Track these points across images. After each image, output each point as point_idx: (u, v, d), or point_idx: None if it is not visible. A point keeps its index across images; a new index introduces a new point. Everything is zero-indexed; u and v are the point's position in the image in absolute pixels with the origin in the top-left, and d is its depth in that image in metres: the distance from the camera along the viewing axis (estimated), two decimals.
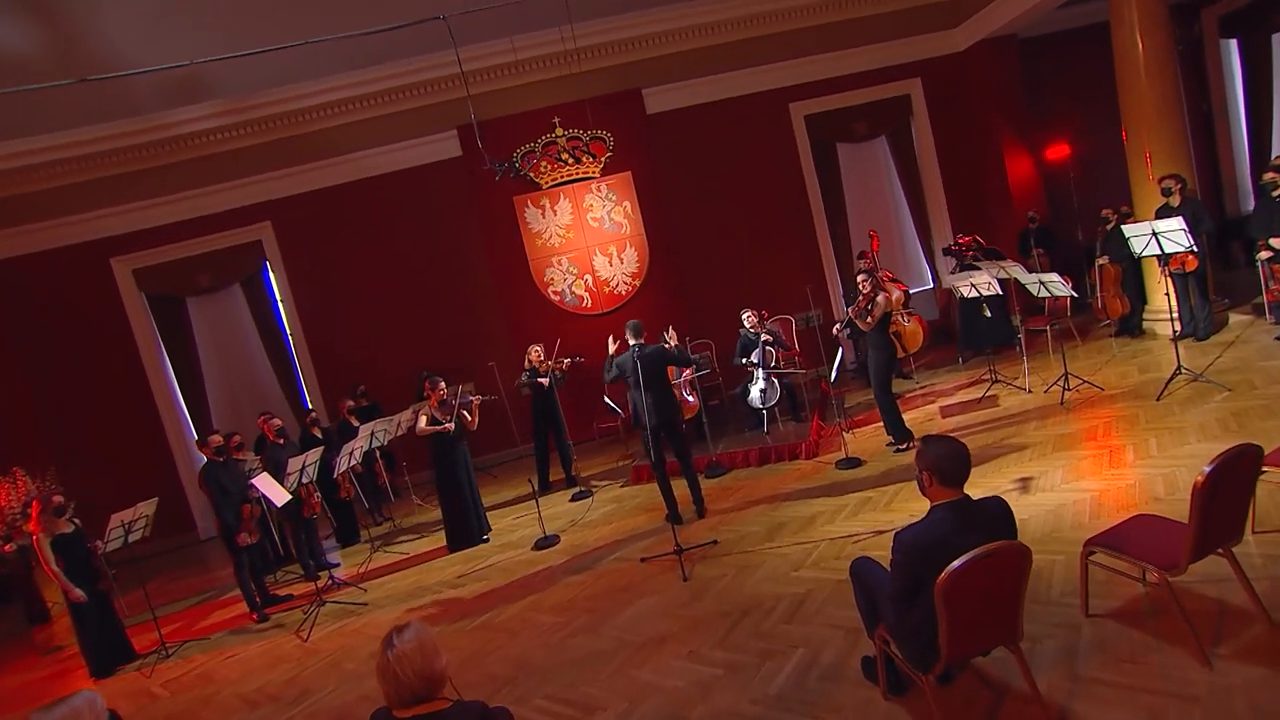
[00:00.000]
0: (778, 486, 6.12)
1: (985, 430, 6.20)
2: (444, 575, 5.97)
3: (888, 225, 9.94)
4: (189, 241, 8.68)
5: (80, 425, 8.54)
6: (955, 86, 9.65)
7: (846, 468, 6.10)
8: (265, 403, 8.97)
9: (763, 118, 9.40)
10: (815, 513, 5.37)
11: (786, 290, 9.07)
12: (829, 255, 9.75)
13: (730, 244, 9.46)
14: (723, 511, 5.87)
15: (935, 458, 2.64)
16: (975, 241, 8.23)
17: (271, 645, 5.33)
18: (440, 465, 6.33)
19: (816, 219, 9.67)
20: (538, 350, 7.57)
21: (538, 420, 7.58)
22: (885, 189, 10.04)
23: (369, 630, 5.22)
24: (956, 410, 6.95)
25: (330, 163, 8.87)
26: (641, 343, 5.74)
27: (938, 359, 9.06)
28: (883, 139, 9.78)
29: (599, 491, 7.21)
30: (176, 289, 8.75)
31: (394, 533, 7.52)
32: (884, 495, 5.39)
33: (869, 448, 6.48)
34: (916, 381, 8.26)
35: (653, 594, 4.73)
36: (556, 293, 9.34)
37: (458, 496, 6.36)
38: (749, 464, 6.85)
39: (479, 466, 9.04)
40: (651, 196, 9.30)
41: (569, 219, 9.30)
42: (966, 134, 9.74)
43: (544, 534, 6.18)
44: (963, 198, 9.79)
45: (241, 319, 9.06)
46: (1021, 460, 5.37)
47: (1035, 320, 7.90)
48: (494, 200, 9.10)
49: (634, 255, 9.42)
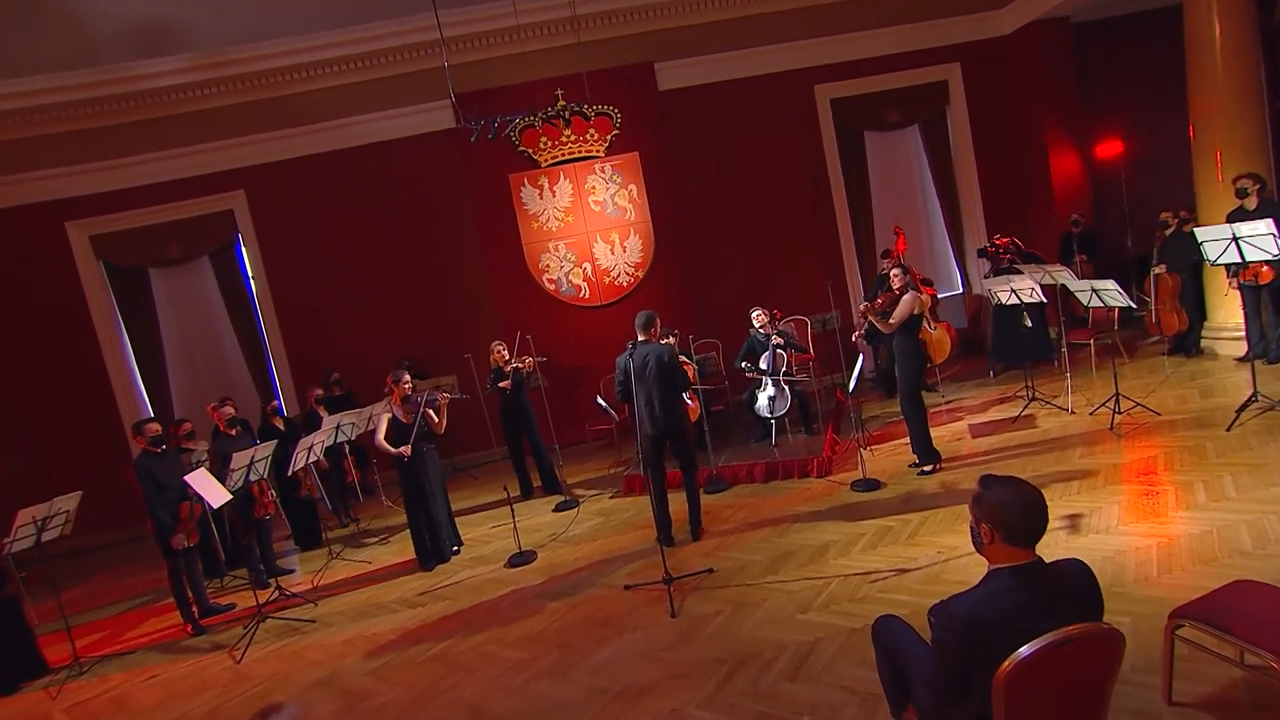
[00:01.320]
0: (784, 508, 5.60)
1: (1022, 455, 5.64)
2: (405, 591, 5.47)
3: (915, 222, 9.40)
4: (154, 208, 8.17)
5: (24, 405, 8.04)
6: (998, 73, 9.06)
7: (863, 490, 5.57)
8: (232, 387, 8.47)
9: (785, 100, 8.88)
10: (826, 542, 4.83)
11: (802, 289, 8.53)
12: (850, 252, 9.20)
13: (743, 236, 8.96)
14: (721, 534, 5.35)
15: (998, 506, 2.04)
16: (1013, 243, 7.64)
17: (200, 665, 4.79)
18: (405, 473, 5.80)
19: (839, 212, 9.14)
20: (501, 348, 7.05)
21: (508, 424, 7.07)
22: (915, 183, 9.49)
23: (310, 654, 4.69)
24: (988, 430, 6.39)
25: (312, 129, 8.37)
26: (646, 339, 5.21)
27: (965, 371, 8.53)
28: (915, 128, 9.24)
29: (586, 502, 6.73)
30: (139, 259, 8.27)
31: (359, 537, 6.98)
32: (906, 525, 4.82)
33: (889, 468, 5.94)
34: (943, 395, 7.72)
35: (635, 630, 4.21)
36: (552, 281, 8.81)
37: (424, 509, 5.81)
38: (753, 480, 6.34)
39: (459, 467, 8.64)
40: (660, 180, 8.79)
41: (568, 201, 8.75)
42: (1008, 126, 9.16)
43: (519, 549, 5.66)
44: (1000, 196, 9.22)
45: (209, 295, 8.58)
46: (1068, 494, 4.77)
47: (1077, 333, 7.28)
48: (488, 177, 8.58)
49: (638, 244, 8.87)
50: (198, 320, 8.63)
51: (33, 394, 8.09)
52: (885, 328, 5.49)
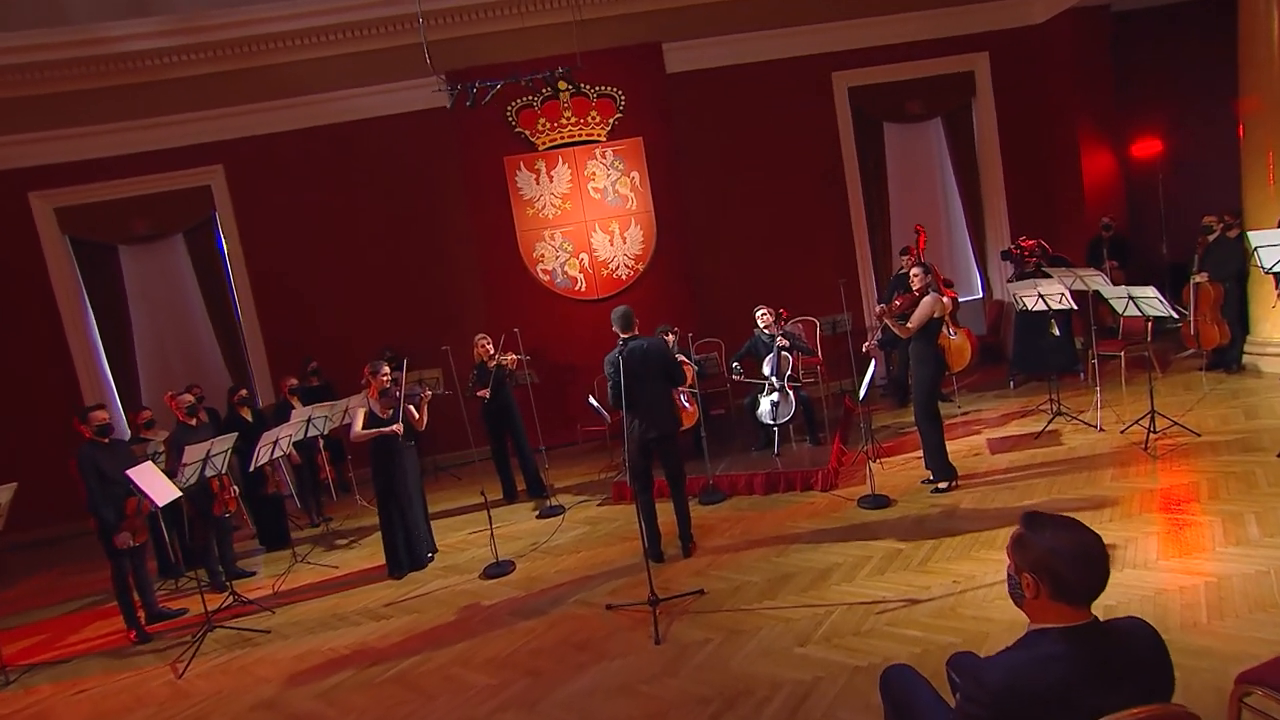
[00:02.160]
0: (785, 524, 5.28)
1: (1047, 475, 5.28)
2: (371, 601, 5.16)
3: (935, 221, 9.04)
4: (125, 181, 7.85)
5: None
6: (1029, 65, 8.68)
7: (871, 507, 5.24)
8: (204, 373, 8.19)
9: (801, 87, 8.53)
10: (830, 564, 4.50)
11: (812, 288, 8.19)
12: (864, 251, 8.86)
13: (751, 230, 8.63)
14: (715, 550, 5.03)
15: (1048, 554, 1.68)
16: (1040, 246, 7.27)
17: (138, 679, 4.46)
18: (380, 472, 5.47)
19: (854, 208, 8.79)
20: (485, 341, 6.71)
21: (491, 423, 6.74)
22: (936, 179, 9.15)
23: (259, 669, 4.36)
24: (1008, 445, 6.06)
25: (297, 102, 8.04)
26: (634, 335, 4.89)
27: (983, 381, 8.18)
28: (938, 121, 8.89)
29: (572, 508, 6.42)
30: (108, 234, 7.96)
31: (329, 538, 6.67)
32: (918, 550, 4.48)
33: (900, 483, 5.61)
34: (959, 406, 7.38)
35: (615, 657, 3.89)
36: (546, 271, 8.49)
37: (398, 511, 5.49)
38: (753, 491, 6.01)
39: (441, 466, 8.32)
40: (664, 168, 8.46)
41: (567, 187, 8.43)
42: (1038, 121, 8.79)
43: (496, 559, 5.35)
44: (1026, 196, 8.85)
45: (183, 275, 8.27)
46: (1099, 521, 4.40)
47: (1106, 344, 6.90)
48: (482, 159, 8.27)
49: (639, 235, 8.54)
50: (170, 302, 8.32)
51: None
52: (903, 332, 5.13)
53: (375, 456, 5.52)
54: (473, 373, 6.73)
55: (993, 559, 4.19)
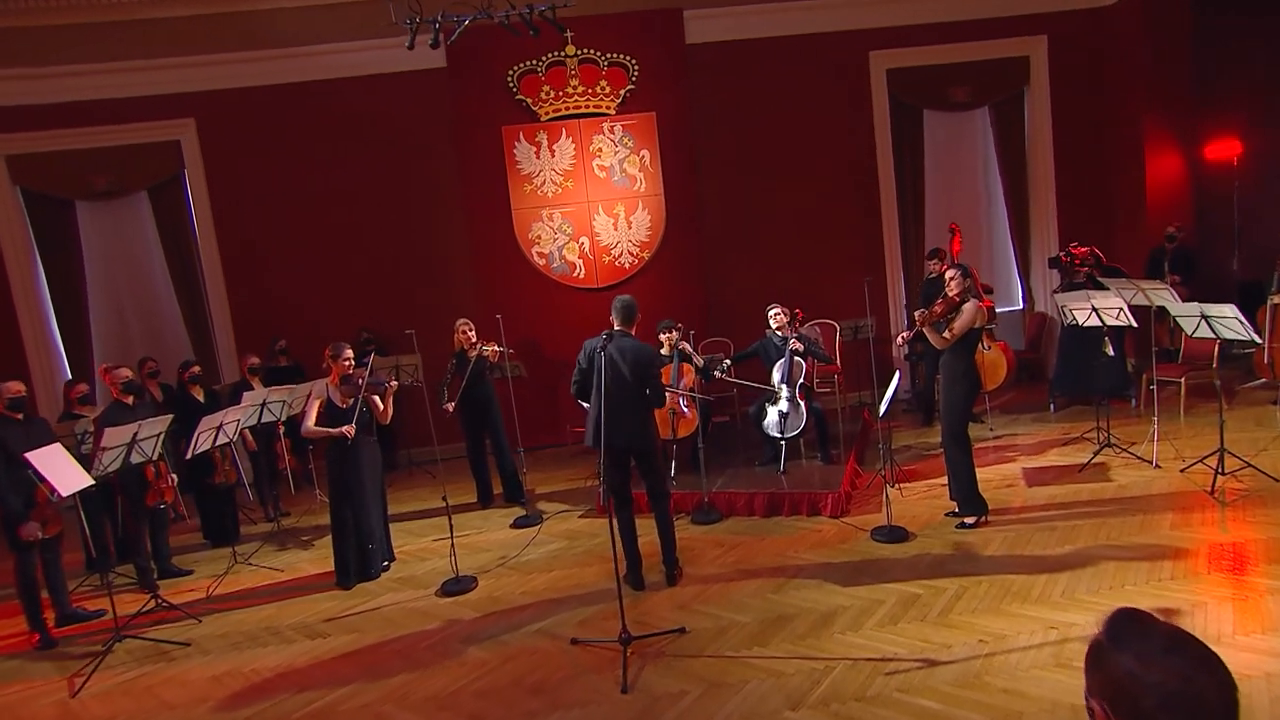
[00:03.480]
0: (786, 553, 4.84)
1: (1093, 515, 4.78)
2: (310, 613, 4.75)
3: (974, 221, 8.56)
4: (85, 130, 7.45)
5: None
6: (1093, 51, 8.12)
7: (886, 540, 4.78)
8: (164, 344, 7.85)
9: (833, 65, 8.06)
10: (834, 607, 4.04)
11: (834, 288, 7.74)
12: (894, 250, 8.37)
13: (770, 221, 8.19)
14: (704, 579, 4.59)
15: (1134, 684, 1.15)
16: (1093, 254, 6.73)
17: (25, 695, 4.04)
18: (334, 467, 5.07)
19: (885, 202, 8.31)
20: (467, 327, 6.30)
21: (468, 419, 6.32)
22: (978, 175, 8.65)
23: (166, 691, 3.95)
24: (1047, 477, 5.56)
25: (279, 54, 7.62)
26: (625, 332, 4.47)
27: (1019, 401, 7.70)
28: (985, 110, 8.39)
29: (550, 518, 6.00)
30: (64, 188, 7.59)
31: (281, 536, 6.27)
32: (938, 596, 4.00)
33: (921, 514, 5.15)
34: (990, 428, 6.90)
35: (572, 707, 3.46)
36: (542, 255, 8.07)
37: (352, 513, 5.09)
38: (752, 513, 5.57)
39: (415, 461, 7.91)
40: (677, 147, 8.02)
41: (569, 163, 7.99)
42: (1099, 115, 8.23)
43: (455, 574, 4.93)
44: (1080, 197, 8.31)
45: (146, 236, 7.91)
46: (1156, 579, 3.88)
47: (1163, 368, 6.33)
48: (478, 128, 7.86)
49: (646, 220, 8.09)
50: (130, 266, 7.97)
51: None
52: (939, 342, 4.64)
53: (330, 449, 5.15)
54: (451, 362, 6.29)
55: (1026, 615, 3.69)
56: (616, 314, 4.50)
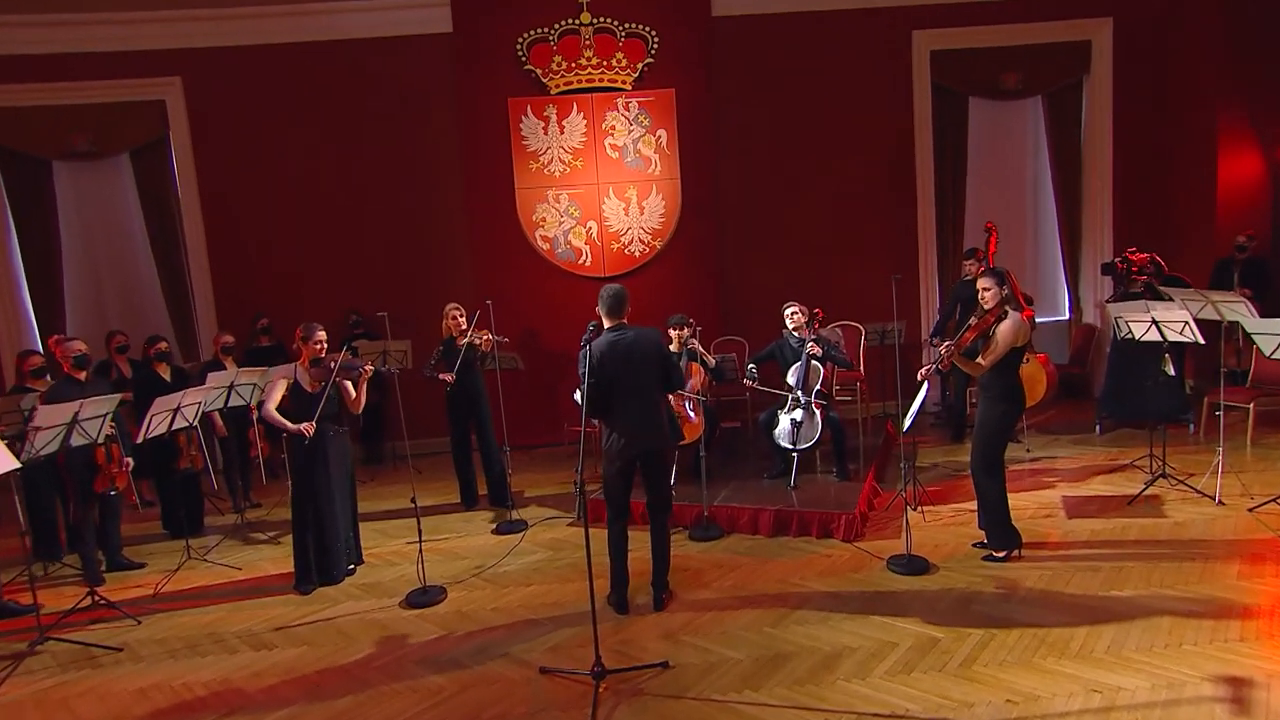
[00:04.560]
0: (791, 580, 4.48)
1: (1144, 557, 4.34)
2: (260, 620, 4.46)
3: (1019, 221, 8.16)
4: (64, 85, 7.20)
5: None
6: (1164, 37, 7.63)
7: (904, 571, 4.41)
8: (142, 316, 7.65)
9: (872, 45, 7.67)
10: (839, 647, 3.68)
11: (861, 288, 7.39)
12: (928, 248, 7.96)
13: (795, 212, 7.83)
14: (696, 605, 4.25)
15: None
16: (1153, 262, 6.29)
17: None
18: (297, 459, 4.80)
19: (921, 197, 7.90)
20: (458, 313, 6.01)
21: (454, 412, 6.05)
22: (1026, 170, 8.23)
23: (82, 705, 3.68)
24: (1091, 508, 5.14)
25: (273, 12, 7.35)
26: (622, 324, 4.13)
27: (1060, 420, 7.29)
28: (1038, 100, 7.98)
29: (536, 525, 5.68)
30: (41, 146, 7.34)
31: (245, 529, 6.02)
32: (960, 642, 3.61)
33: (945, 542, 4.77)
34: (1027, 449, 6.50)
35: None
36: (546, 239, 7.76)
37: (314, 510, 4.80)
38: (757, 531, 5.22)
39: (401, 454, 7.56)
40: (697, 128, 7.65)
41: (580, 140, 7.66)
42: (1167, 108, 7.74)
43: (423, 585, 4.61)
44: (1140, 199, 7.82)
45: (126, 201, 7.66)
46: (1222, 640, 3.45)
47: (1229, 391, 5.85)
48: (482, 98, 7.53)
49: (660, 205, 7.75)
50: (109, 232, 7.73)
51: None
52: (974, 370, 4.25)
53: (293, 439, 4.85)
54: (437, 349, 5.99)
55: (1064, 672, 3.29)
56: (605, 306, 4.14)
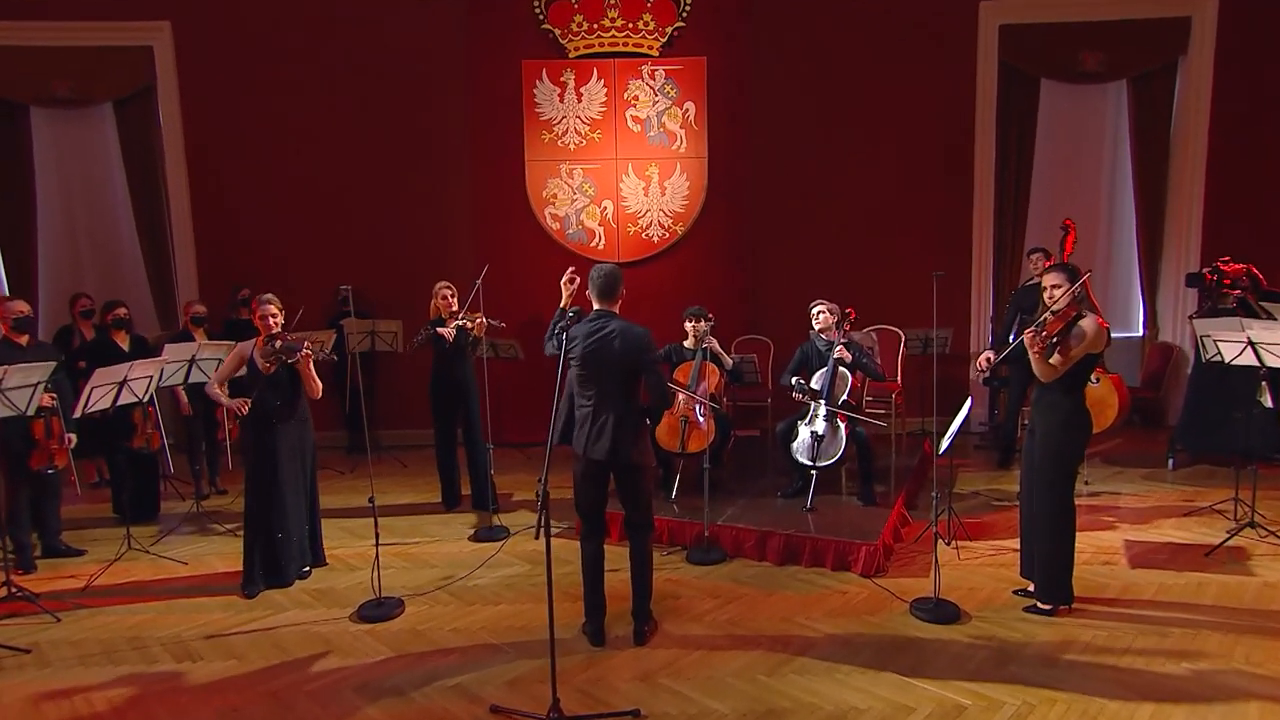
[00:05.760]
0: (796, 618, 4.09)
1: (1223, 624, 3.84)
2: (192, 625, 4.18)
3: (1091, 220, 7.73)
4: (44, 24, 7.11)
5: None
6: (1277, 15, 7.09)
7: (930, 618, 3.98)
8: (119, 277, 7.62)
9: (931, 16, 7.34)
10: (844, 708, 3.27)
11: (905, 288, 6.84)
12: (985, 248, 7.60)
13: (836, 201, 7.54)
14: (683, 641, 3.88)
15: None
16: (1250, 274, 5.84)
17: None
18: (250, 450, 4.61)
19: (980, 190, 7.56)
20: (449, 292, 5.73)
21: (440, 402, 5.77)
22: (1104, 165, 7.79)
23: None
24: (1159, 558, 4.68)
25: None
26: (611, 312, 3.80)
27: (1127, 451, 6.87)
28: (1123, 85, 7.50)
29: (518, 534, 5.35)
30: (19, 90, 7.26)
31: (203, 518, 5.78)
32: (991, 714, 3.18)
33: (981, 585, 4.36)
34: (1085, 479, 6.01)
35: None
36: (557, 218, 7.51)
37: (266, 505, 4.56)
38: (763, 557, 4.84)
39: (385, 446, 7.44)
40: (730, 102, 7.38)
41: (599, 110, 7.38)
42: (1275, 98, 7.18)
43: (378, 597, 4.31)
44: (1237, 202, 7.30)
45: (108, 153, 7.61)
46: None
47: None
48: (493, 59, 7.31)
49: (683, 186, 7.46)
50: (88, 187, 7.68)
51: None
52: (1045, 371, 3.76)
53: (247, 426, 4.64)
54: (425, 329, 5.67)
55: None
56: (595, 287, 3.80)
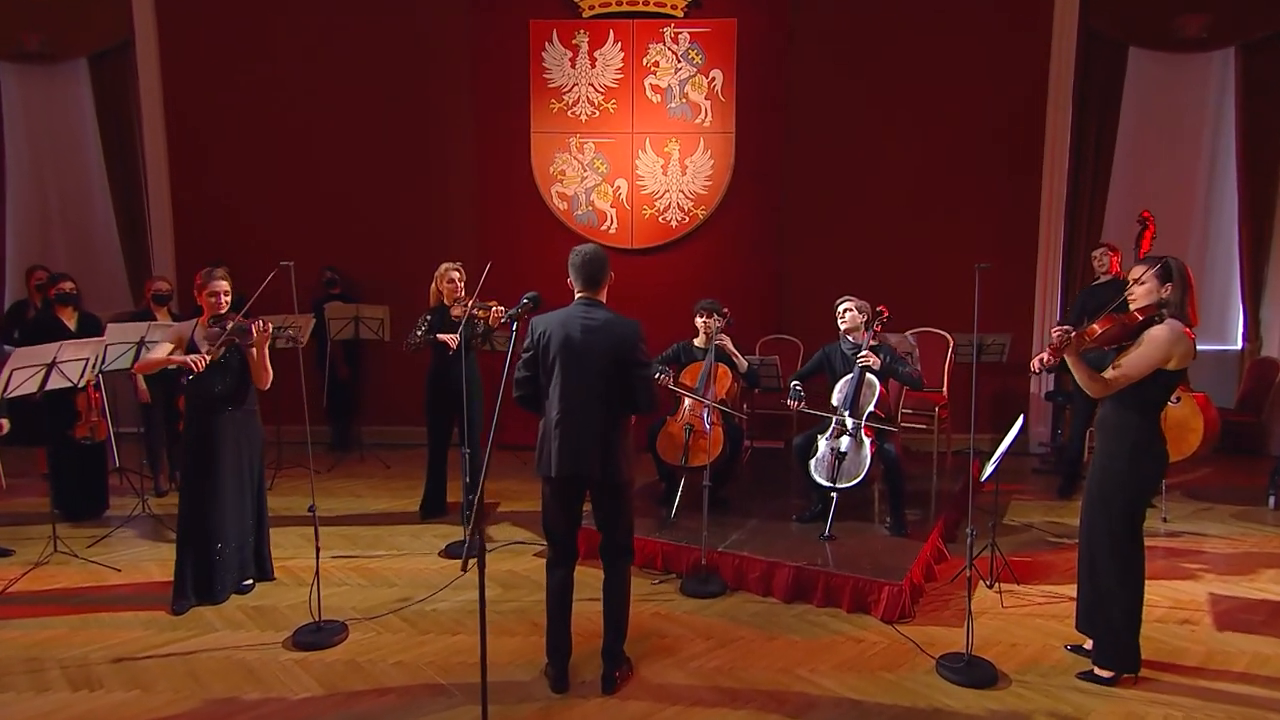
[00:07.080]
0: (799, 670, 3.70)
1: None
2: (103, 645, 3.93)
3: (1183, 212, 7.28)
4: None
5: None
6: None
7: (959, 679, 3.56)
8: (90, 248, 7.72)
9: None
10: None
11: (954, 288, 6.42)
12: (1055, 242, 7.24)
13: (880, 184, 7.30)
14: (659, 693, 3.50)
15: None
16: None
17: None
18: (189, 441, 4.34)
19: (1049, 171, 7.13)
20: (458, 274, 5.35)
21: (438, 403, 5.46)
22: (1201, 147, 7.33)
23: None
24: (1254, 618, 4.16)
25: None
26: (596, 301, 3.48)
27: (1217, 485, 6.46)
28: (1229, 54, 7.03)
29: (495, 551, 5.08)
30: None
31: (148, 521, 5.58)
32: None
33: (1026, 642, 3.91)
34: (1164, 516, 5.59)
35: None
36: (564, 197, 7.31)
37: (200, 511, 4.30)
38: (769, 592, 4.47)
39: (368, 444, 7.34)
40: (761, 71, 7.18)
41: (614, 79, 7.17)
42: None
43: (317, 621, 4.02)
44: None
45: (82, 114, 7.70)
46: None
47: None
48: (499, 18, 7.19)
49: (707, 165, 7.19)
50: (60, 148, 7.77)
51: None
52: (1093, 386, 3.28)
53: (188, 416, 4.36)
54: (423, 323, 5.31)
55: None
56: (576, 271, 3.44)
